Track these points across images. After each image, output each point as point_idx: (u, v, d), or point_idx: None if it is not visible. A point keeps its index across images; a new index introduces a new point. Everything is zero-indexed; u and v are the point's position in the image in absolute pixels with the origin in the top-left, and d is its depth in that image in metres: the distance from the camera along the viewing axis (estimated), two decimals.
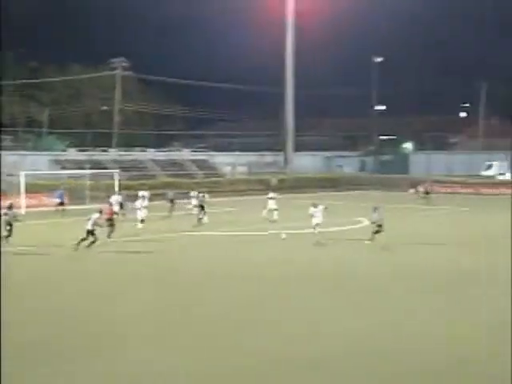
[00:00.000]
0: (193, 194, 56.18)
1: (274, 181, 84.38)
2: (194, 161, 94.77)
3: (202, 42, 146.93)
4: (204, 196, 53.99)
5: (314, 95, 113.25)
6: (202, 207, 51.73)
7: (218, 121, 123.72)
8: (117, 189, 66.59)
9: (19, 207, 59.69)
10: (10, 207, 41.46)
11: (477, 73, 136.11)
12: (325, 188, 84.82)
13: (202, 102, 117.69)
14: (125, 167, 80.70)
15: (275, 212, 52.53)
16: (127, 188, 68.08)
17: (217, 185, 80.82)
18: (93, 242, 37.31)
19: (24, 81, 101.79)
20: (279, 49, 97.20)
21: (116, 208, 50.95)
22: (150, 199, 54.11)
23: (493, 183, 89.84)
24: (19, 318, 24.64)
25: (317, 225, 40.08)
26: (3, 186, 67.13)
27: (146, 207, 49.48)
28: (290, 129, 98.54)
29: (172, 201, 57.74)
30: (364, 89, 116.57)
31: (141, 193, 55.14)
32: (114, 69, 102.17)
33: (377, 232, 38.86)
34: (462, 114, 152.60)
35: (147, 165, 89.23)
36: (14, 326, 23.27)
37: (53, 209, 60.71)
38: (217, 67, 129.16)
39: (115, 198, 54.27)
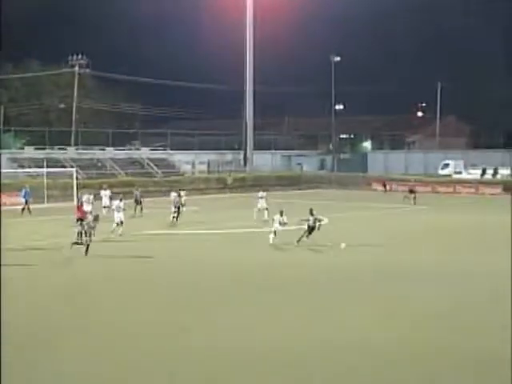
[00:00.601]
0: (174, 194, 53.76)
1: (229, 179, 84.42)
2: (152, 159, 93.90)
3: (163, 40, 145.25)
4: (180, 195, 52.91)
5: (274, 94, 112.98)
6: (178, 208, 50.79)
7: (177, 119, 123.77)
8: (75, 188, 66.29)
9: None
10: None
11: (433, 72, 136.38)
12: (285, 186, 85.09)
13: (162, 100, 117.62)
14: (83, 166, 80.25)
15: (266, 212, 51.34)
16: (86, 187, 67.41)
17: (176, 183, 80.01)
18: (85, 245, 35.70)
19: None
20: (239, 47, 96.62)
21: (89, 207, 49.67)
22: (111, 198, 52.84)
23: (449, 182, 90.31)
24: None
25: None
26: None
27: (124, 209, 46.41)
28: (250, 127, 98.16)
29: (140, 201, 55.72)
30: (323, 88, 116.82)
31: (103, 192, 55.08)
32: (73, 66, 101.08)
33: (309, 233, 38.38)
34: (419, 114, 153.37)
35: (106, 164, 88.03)
36: None
37: (13, 207, 60.21)
38: (176, 65, 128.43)
39: (87, 197, 52.24)
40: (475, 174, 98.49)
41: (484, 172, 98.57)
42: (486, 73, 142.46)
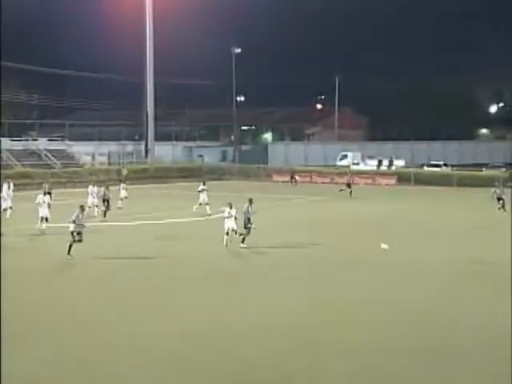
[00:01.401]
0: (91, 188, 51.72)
1: (124, 171, 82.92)
2: (50, 150, 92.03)
3: (62, 30, 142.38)
4: (108, 188, 51.02)
5: (175, 85, 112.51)
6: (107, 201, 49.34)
7: (76, 110, 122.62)
8: None
9: None
10: None
11: (332, 66, 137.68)
12: (186, 178, 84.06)
13: (61, 90, 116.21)
14: None
15: (207, 206, 51.04)
16: None
17: (76, 175, 79.25)
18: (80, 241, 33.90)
19: None
20: (140, 38, 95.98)
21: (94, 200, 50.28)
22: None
23: (346, 172, 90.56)
24: None
25: None
26: None
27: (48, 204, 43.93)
28: (151, 118, 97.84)
29: (49, 193, 49.49)
30: (224, 80, 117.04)
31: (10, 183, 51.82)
32: None
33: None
34: (318, 106, 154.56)
35: (2, 155, 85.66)
36: None
37: None
38: (76, 55, 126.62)
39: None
40: (372, 165, 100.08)
41: (380, 163, 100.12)
42: (383, 67, 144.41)
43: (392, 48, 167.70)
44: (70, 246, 33.12)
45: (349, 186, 67.94)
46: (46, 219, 42.41)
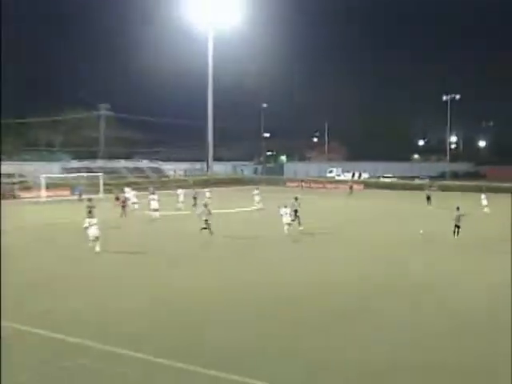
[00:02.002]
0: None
1: (189, 180, 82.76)
2: (149, 167, 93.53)
3: (154, 88, 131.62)
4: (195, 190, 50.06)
5: (224, 127, 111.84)
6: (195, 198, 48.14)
7: (163, 142, 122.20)
8: (101, 187, 65.29)
9: (39, 197, 59.32)
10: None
11: (323, 114, 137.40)
12: (233, 184, 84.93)
13: (151, 129, 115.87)
14: (107, 172, 78.36)
15: (260, 204, 49.21)
16: (108, 185, 67.27)
17: (165, 182, 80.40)
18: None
19: (44, 119, 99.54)
20: (203, 92, 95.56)
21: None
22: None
23: (334, 181, 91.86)
24: None
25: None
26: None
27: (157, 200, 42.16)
28: (210, 147, 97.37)
29: (153, 193, 44.92)
30: (257, 123, 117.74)
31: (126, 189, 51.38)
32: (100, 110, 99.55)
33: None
34: (314, 139, 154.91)
35: (121, 170, 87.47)
36: None
37: (64, 198, 60.19)
38: (159, 106, 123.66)
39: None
40: (348, 176, 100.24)
41: (353, 175, 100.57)
42: (356, 116, 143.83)
43: (363, 103, 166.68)
44: (205, 228, 31.74)
45: (351, 188, 70.52)
46: (157, 210, 41.06)
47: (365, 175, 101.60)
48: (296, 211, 35.05)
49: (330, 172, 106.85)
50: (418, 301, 18.62)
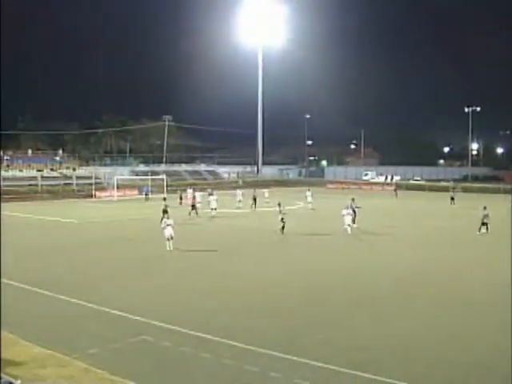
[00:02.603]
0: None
1: (240, 182, 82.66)
2: (207, 170, 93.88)
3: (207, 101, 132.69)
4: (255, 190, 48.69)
5: (274, 134, 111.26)
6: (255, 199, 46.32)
7: (218, 148, 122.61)
8: (165, 188, 65.28)
9: (113, 196, 60.23)
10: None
11: (359, 124, 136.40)
12: (280, 186, 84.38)
13: (210, 137, 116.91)
14: (169, 174, 77.48)
15: (312, 202, 48.02)
16: (171, 186, 67.72)
17: (220, 184, 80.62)
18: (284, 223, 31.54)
19: (117, 129, 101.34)
20: (253, 104, 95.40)
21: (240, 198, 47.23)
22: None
23: (369, 183, 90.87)
24: None
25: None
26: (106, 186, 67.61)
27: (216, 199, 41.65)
28: (260, 153, 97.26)
29: (211, 194, 44.06)
30: (300, 131, 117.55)
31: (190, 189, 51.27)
32: (164, 121, 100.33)
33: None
34: (352, 146, 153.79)
35: (182, 173, 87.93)
36: None
37: (133, 197, 61.02)
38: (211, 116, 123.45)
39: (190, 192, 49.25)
40: (381, 179, 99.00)
41: (386, 178, 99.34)
42: (388, 126, 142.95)
43: (394, 113, 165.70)
44: (283, 228, 31.16)
45: (395, 190, 69.06)
46: (215, 209, 40.44)
47: (396, 178, 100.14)
48: (354, 211, 33.77)
49: (366, 175, 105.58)
50: None
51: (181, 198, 46.66)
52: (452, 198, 53.20)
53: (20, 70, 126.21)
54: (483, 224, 31.69)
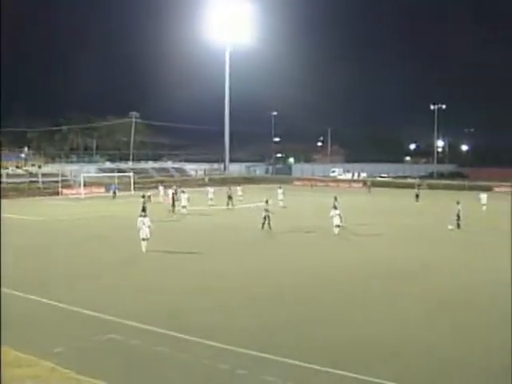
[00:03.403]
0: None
1: (206, 179, 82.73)
2: (174, 168, 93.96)
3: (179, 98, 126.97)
4: (230, 188, 47.36)
5: (240, 131, 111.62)
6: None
7: (186, 146, 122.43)
8: (132, 185, 65.63)
9: (80, 193, 60.19)
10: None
11: (326, 120, 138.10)
12: (247, 183, 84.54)
13: (176, 135, 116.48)
14: (136, 172, 78.07)
15: (283, 200, 47.66)
16: (138, 183, 67.70)
17: (187, 181, 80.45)
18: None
19: (82, 126, 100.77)
20: (220, 100, 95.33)
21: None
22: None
23: (336, 180, 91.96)
24: None
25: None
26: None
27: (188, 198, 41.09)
28: (227, 150, 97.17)
29: (183, 192, 43.21)
30: (268, 129, 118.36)
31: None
32: (130, 118, 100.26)
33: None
34: (319, 143, 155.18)
35: (149, 170, 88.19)
36: None
37: (100, 195, 61.01)
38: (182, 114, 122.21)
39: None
40: (348, 176, 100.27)
41: (353, 175, 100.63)
42: (355, 122, 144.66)
43: (361, 111, 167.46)
44: (269, 224, 31.68)
45: (369, 187, 70.89)
46: (185, 207, 40.33)
47: (363, 175, 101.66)
48: (335, 207, 32.91)
49: (333, 172, 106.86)
50: None
51: (149, 197, 46.84)
52: (417, 196, 54.23)
53: None
54: (458, 218, 32.66)
